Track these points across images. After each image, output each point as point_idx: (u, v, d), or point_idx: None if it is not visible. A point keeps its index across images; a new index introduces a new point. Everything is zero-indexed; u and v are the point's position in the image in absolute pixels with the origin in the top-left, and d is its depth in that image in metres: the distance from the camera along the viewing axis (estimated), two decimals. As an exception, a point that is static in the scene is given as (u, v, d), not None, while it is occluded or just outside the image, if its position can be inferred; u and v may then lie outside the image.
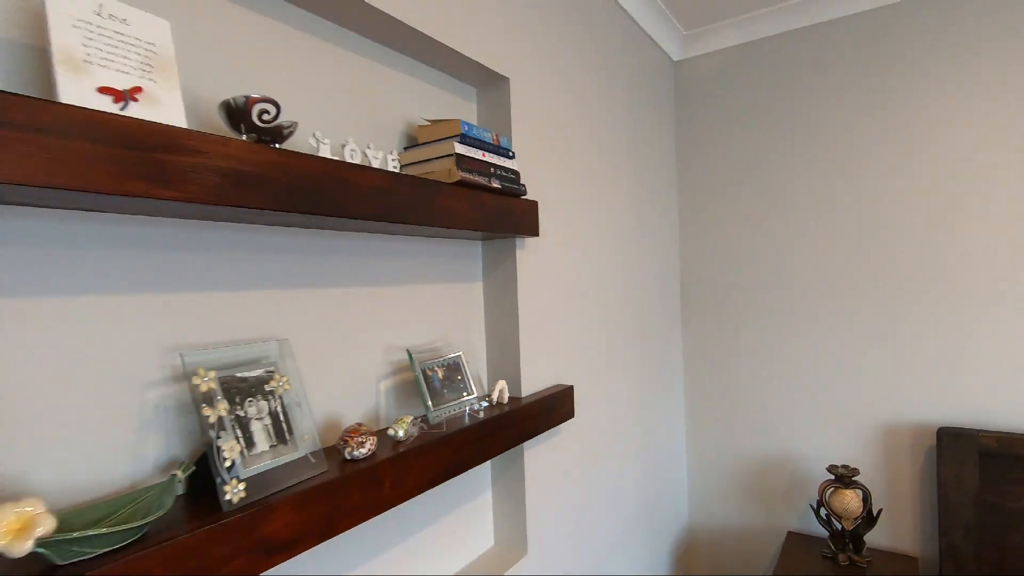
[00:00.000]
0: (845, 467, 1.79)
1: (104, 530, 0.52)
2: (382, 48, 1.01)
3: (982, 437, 1.65)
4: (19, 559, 0.48)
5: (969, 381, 1.72)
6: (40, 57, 0.59)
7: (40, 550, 0.49)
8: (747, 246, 2.05)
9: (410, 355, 0.96)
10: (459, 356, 1.07)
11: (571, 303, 1.42)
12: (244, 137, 0.68)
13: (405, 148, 1.04)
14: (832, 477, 1.83)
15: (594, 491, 1.50)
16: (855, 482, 1.78)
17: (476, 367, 1.21)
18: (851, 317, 1.87)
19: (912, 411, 1.80)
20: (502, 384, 1.13)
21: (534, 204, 1.16)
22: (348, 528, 0.73)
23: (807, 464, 1.98)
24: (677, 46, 2.12)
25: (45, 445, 0.59)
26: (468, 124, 0.99)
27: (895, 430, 1.82)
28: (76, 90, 0.53)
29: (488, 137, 1.04)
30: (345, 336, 0.92)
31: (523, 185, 1.13)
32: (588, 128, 1.51)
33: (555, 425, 1.22)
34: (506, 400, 1.13)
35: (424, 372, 0.98)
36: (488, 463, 1.24)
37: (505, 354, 1.22)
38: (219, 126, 0.72)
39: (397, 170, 0.90)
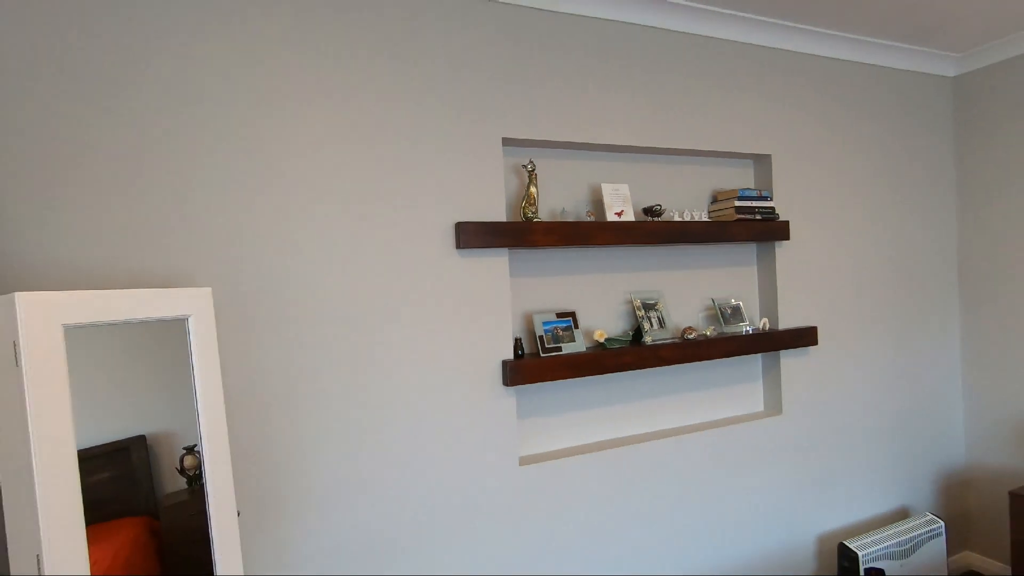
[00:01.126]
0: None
1: (617, 341, 1.85)
2: (700, 157, 2.14)
3: None
4: (593, 346, 1.84)
5: None
6: (597, 207, 1.95)
7: (603, 342, 1.84)
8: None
9: (713, 301, 2.10)
10: (740, 303, 2.15)
11: (819, 273, 2.29)
12: (649, 218, 1.93)
13: (712, 202, 2.16)
14: (1092, 424, 2.15)
15: (836, 395, 2.34)
16: (1117, 431, 2.09)
17: (751, 312, 2.25)
18: None
19: None
20: (764, 320, 2.15)
21: (786, 223, 2.12)
22: (689, 361, 1.92)
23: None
24: (952, 65, 2.57)
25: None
26: (742, 190, 2.05)
27: None
28: (610, 216, 1.86)
29: (753, 193, 2.07)
30: (685, 291, 2.11)
31: (777, 214, 2.12)
32: (835, 164, 2.33)
33: (801, 346, 2.16)
34: (767, 328, 2.15)
35: (720, 308, 2.10)
36: (760, 363, 2.27)
37: (768, 305, 2.22)
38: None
39: (707, 219, 2.04)
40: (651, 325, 1.96)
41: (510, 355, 1.75)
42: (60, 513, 0.87)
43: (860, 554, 2.13)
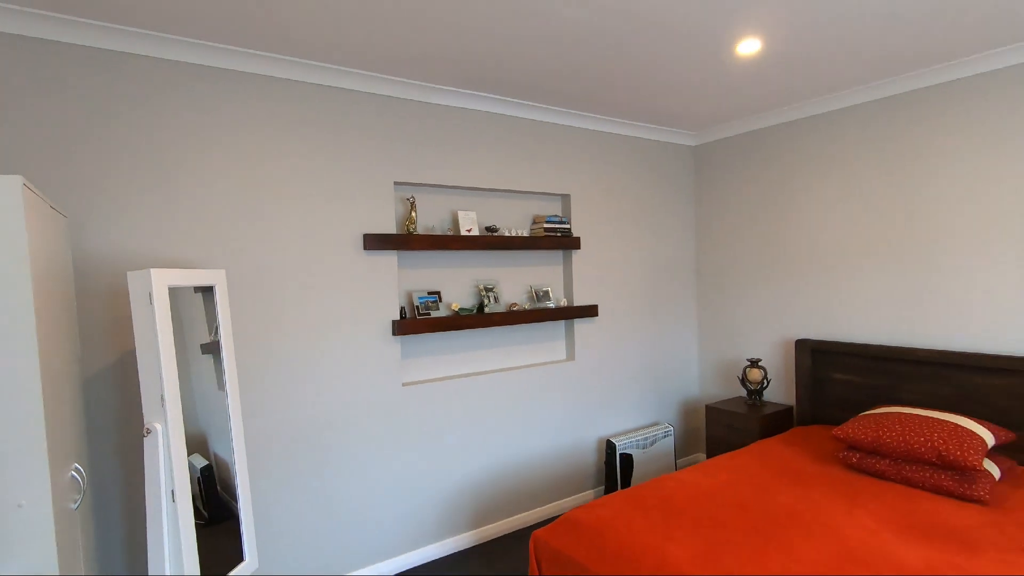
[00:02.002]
0: (755, 359, 3.62)
1: (467, 310, 2.97)
2: (520, 195, 3.33)
3: (811, 343, 3.34)
4: (451, 313, 2.96)
5: (808, 319, 3.40)
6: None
7: (458, 311, 2.95)
8: (743, 244, 3.89)
9: (531, 287, 3.30)
10: (549, 289, 3.37)
11: (602, 270, 3.58)
12: (489, 233, 3.07)
13: (532, 223, 3.35)
14: (748, 363, 3.63)
15: (612, 350, 3.66)
16: (759, 365, 3.58)
17: (557, 294, 3.49)
18: (772, 288, 3.63)
19: (786, 332, 3.53)
20: (564, 300, 3.40)
21: (578, 238, 3.37)
22: (513, 323, 3.09)
23: (743, 355, 3.80)
24: (692, 139, 4.00)
25: (454, 296, 3.08)
26: (550, 216, 3.26)
27: (780, 340, 3.57)
28: (466, 230, 2.97)
29: (557, 218, 3.29)
30: (514, 280, 3.29)
31: (572, 233, 3.36)
32: (617, 197, 3.63)
33: (588, 317, 3.43)
34: (565, 305, 3.40)
35: (536, 291, 3.31)
36: (562, 327, 3.52)
37: (567, 289, 3.48)
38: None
39: (527, 234, 3.23)
40: (490, 301, 3.11)
41: (397, 317, 2.80)
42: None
43: (617, 444, 3.46)
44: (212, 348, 2.13)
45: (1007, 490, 2.29)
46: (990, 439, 2.33)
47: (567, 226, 3.36)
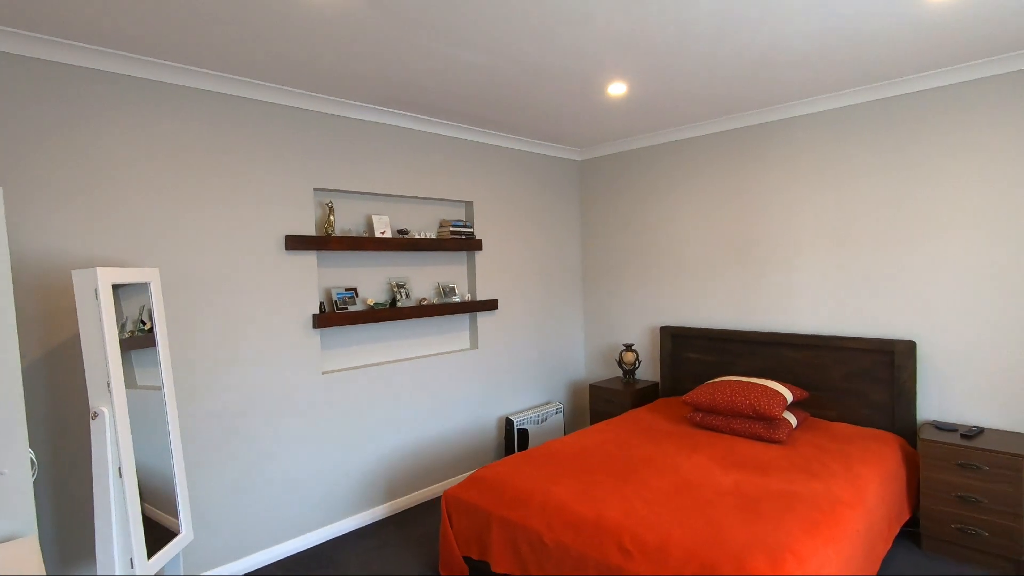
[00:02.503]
0: (629, 344, 4.29)
1: (381, 305, 3.31)
2: (429, 201, 3.72)
3: (672, 329, 4.06)
4: (366, 308, 3.28)
5: (670, 309, 4.12)
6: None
7: (373, 305, 3.28)
8: (621, 247, 4.53)
9: (439, 284, 3.69)
10: (455, 285, 3.78)
11: (502, 269, 4.06)
12: (401, 236, 3.43)
13: (439, 227, 3.74)
14: (624, 347, 4.30)
15: (511, 339, 4.15)
16: (632, 349, 4.25)
17: (463, 290, 3.92)
18: (643, 284, 4.32)
19: (654, 320, 4.25)
20: (468, 295, 3.83)
21: (480, 240, 3.82)
22: (422, 316, 3.47)
23: (620, 341, 4.48)
24: (578, 154, 4.61)
25: (369, 292, 3.40)
26: (455, 221, 3.67)
27: (648, 327, 4.28)
28: (380, 232, 3.29)
29: (461, 223, 3.71)
30: (424, 277, 3.66)
31: (475, 235, 3.80)
32: (514, 204, 4.13)
33: (489, 310, 3.89)
34: (469, 299, 3.83)
35: (443, 288, 3.71)
36: (467, 319, 3.95)
37: (471, 286, 3.92)
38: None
39: (435, 236, 3.62)
40: (402, 297, 3.47)
41: (316, 311, 3.08)
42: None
43: (515, 421, 3.96)
44: (126, 344, 2.31)
45: (799, 434, 3.07)
46: (790, 396, 3.10)
47: (470, 229, 3.79)
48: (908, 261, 3.11)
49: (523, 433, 4.01)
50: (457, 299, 3.76)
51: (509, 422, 3.97)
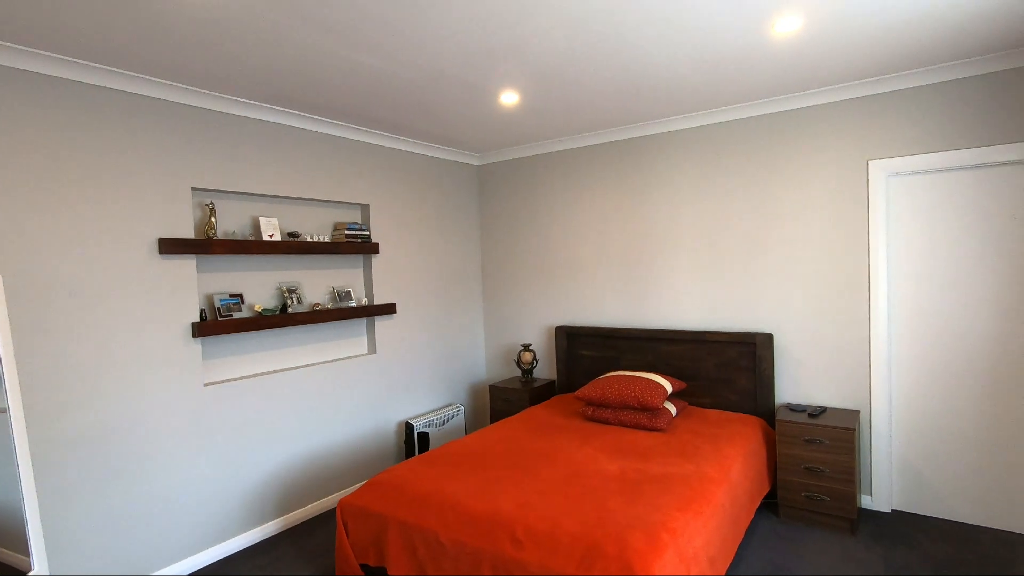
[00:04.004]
0: (527, 344, 4.43)
1: (270, 311, 3.17)
2: (322, 203, 3.62)
3: (567, 328, 4.26)
4: (254, 315, 3.13)
5: (565, 310, 4.33)
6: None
7: (261, 312, 3.14)
8: (519, 250, 4.65)
9: (333, 288, 3.60)
10: (351, 289, 3.70)
11: (400, 273, 4.04)
12: (291, 239, 3.30)
13: (334, 230, 3.65)
14: (522, 348, 4.44)
15: (410, 343, 4.14)
16: (530, 349, 4.40)
17: (359, 294, 3.85)
18: (541, 286, 4.48)
19: (551, 320, 4.43)
20: (365, 299, 3.77)
21: (377, 244, 3.77)
22: (316, 322, 3.36)
23: (519, 342, 4.62)
24: (477, 159, 4.69)
25: (257, 298, 3.24)
26: (350, 224, 3.60)
27: (545, 327, 4.46)
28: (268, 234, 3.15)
29: (357, 226, 3.65)
30: (318, 282, 3.55)
31: (371, 239, 3.75)
32: (413, 207, 4.12)
33: (387, 314, 3.85)
34: (366, 304, 3.77)
35: (338, 292, 3.62)
36: (364, 324, 3.88)
37: (368, 290, 3.86)
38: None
39: (329, 240, 3.52)
40: (293, 302, 3.34)
41: (197, 319, 2.88)
42: None
43: (415, 425, 3.95)
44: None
45: (679, 421, 3.35)
46: (670, 388, 3.37)
47: (367, 233, 3.74)
48: (766, 262, 3.51)
49: (424, 436, 4.00)
50: (353, 304, 3.69)
51: (409, 426, 3.95)
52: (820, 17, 2.25)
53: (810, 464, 3.03)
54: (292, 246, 3.26)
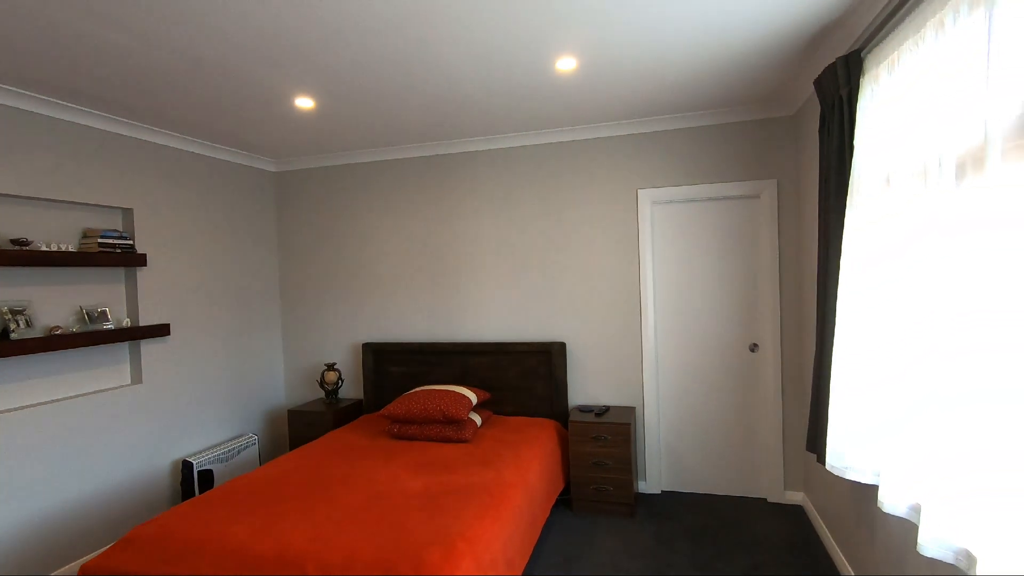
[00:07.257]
0: (331, 363, 4.19)
1: None
2: (66, 205, 3.00)
3: (374, 345, 4.13)
4: None
5: (372, 326, 4.21)
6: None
7: None
8: (321, 263, 4.35)
9: (82, 308, 2.99)
10: (107, 309, 3.11)
11: (175, 288, 3.51)
12: (16, 247, 2.66)
13: (83, 237, 3.04)
14: (325, 367, 4.19)
15: (189, 368, 3.62)
16: (335, 368, 4.17)
17: (120, 314, 3.25)
18: (345, 301, 4.27)
19: (357, 337, 4.26)
20: (127, 320, 3.20)
21: (144, 255, 3.23)
22: (55, 349, 2.74)
23: (323, 361, 4.35)
24: (273, 165, 4.33)
25: None
26: (105, 231, 3.03)
27: (351, 345, 4.27)
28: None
29: (115, 233, 3.09)
30: (59, 300, 2.91)
31: (135, 249, 3.20)
32: (192, 214, 3.63)
33: (158, 336, 3.31)
34: (128, 325, 3.20)
35: (88, 313, 3.01)
36: (127, 348, 3.29)
37: (132, 309, 3.28)
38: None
39: (75, 249, 2.91)
40: (19, 325, 2.68)
41: None
42: None
43: (195, 462, 3.45)
44: None
45: (484, 431, 3.45)
46: (475, 399, 3.46)
47: (129, 242, 3.19)
48: (560, 276, 3.83)
49: (207, 475, 3.51)
50: (110, 326, 3.10)
51: (187, 465, 3.43)
52: (591, 59, 2.55)
53: (597, 459, 3.36)
54: (18, 256, 2.63)
